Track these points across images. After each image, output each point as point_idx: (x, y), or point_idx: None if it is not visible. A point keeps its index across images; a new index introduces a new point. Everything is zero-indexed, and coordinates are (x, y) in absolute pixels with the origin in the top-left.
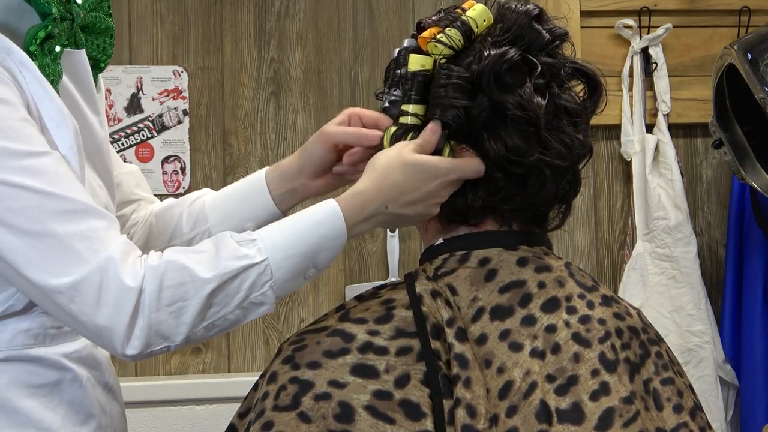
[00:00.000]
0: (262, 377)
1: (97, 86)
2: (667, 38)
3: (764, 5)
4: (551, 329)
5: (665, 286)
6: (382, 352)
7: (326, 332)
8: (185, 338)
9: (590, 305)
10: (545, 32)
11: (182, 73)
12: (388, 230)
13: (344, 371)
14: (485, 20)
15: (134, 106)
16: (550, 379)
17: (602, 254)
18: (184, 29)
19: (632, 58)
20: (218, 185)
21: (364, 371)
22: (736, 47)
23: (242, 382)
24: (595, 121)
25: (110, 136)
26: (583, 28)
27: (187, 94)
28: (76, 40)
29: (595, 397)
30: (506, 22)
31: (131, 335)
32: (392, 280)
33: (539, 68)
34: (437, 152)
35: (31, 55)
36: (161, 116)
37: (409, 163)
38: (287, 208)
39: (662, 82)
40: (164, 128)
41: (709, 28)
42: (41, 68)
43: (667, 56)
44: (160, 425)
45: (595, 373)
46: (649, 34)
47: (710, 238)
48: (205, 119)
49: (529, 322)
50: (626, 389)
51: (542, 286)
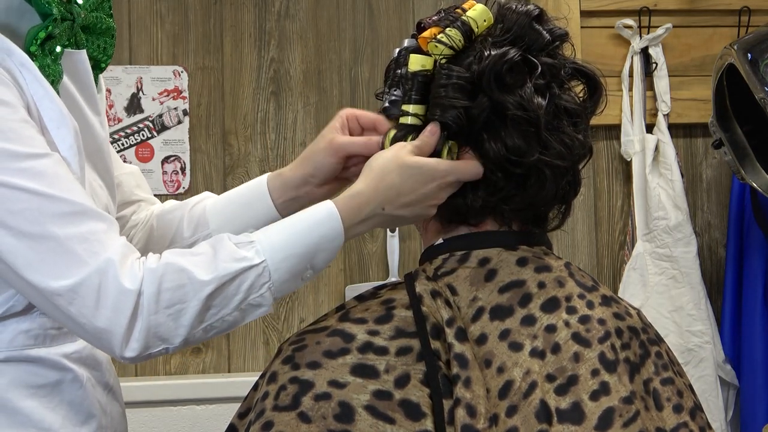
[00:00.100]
0: (262, 377)
1: (97, 86)
2: (667, 38)
3: (764, 5)
4: (551, 329)
5: (665, 286)
6: (382, 352)
7: (326, 332)
8: (184, 340)
9: (590, 305)
10: (545, 33)
11: (182, 73)
12: (388, 230)
13: (344, 371)
14: (485, 20)
15: (134, 106)
16: (550, 378)
17: (602, 254)
18: (184, 29)
19: (632, 58)
20: (218, 185)
21: (364, 371)
22: (736, 47)
23: (242, 382)
24: (595, 121)
25: (110, 136)
26: (583, 28)
27: (187, 94)
28: (76, 40)
29: (595, 396)
30: (507, 22)
31: (130, 337)
32: (392, 280)
33: (539, 68)
34: (436, 153)
35: (31, 55)
36: (161, 116)
37: (406, 165)
38: (289, 214)
39: (662, 82)
40: (164, 128)
41: (709, 28)
42: (42, 69)
43: (667, 56)
44: (160, 425)
45: (595, 373)
46: (649, 34)
47: (710, 238)
48: (205, 119)
49: (529, 321)
50: (626, 389)
51: (542, 286)
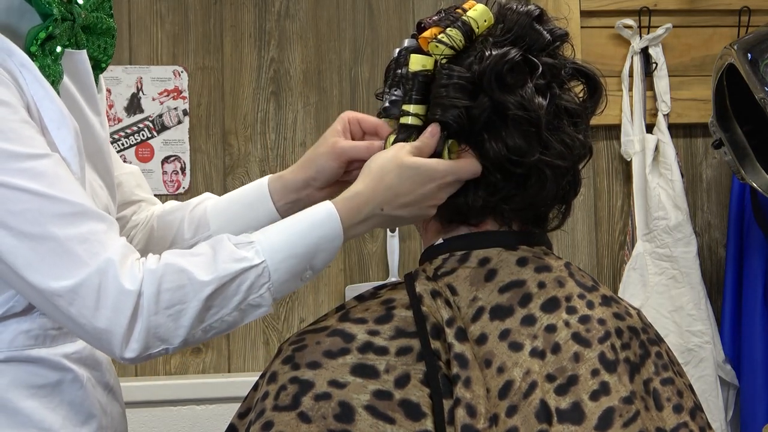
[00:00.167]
0: (262, 377)
1: (98, 87)
2: (667, 38)
3: (764, 5)
4: (551, 329)
5: (665, 286)
6: (382, 352)
7: (326, 332)
8: (183, 341)
9: (590, 305)
10: (546, 33)
11: (182, 73)
12: (388, 230)
13: (344, 371)
14: (486, 20)
15: (134, 106)
16: (550, 378)
17: (602, 254)
18: (184, 29)
19: (632, 58)
20: (218, 185)
21: (364, 371)
22: (736, 47)
23: (242, 382)
24: (595, 121)
25: (110, 136)
26: (583, 28)
27: (187, 94)
28: (77, 40)
29: (595, 396)
30: (507, 22)
31: (130, 338)
32: (392, 280)
33: (540, 69)
34: (437, 154)
35: (31, 55)
36: (161, 116)
37: (405, 165)
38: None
39: (662, 82)
40: (164, 128)
41: (709, 28)
42: (42, 69)
43: (667, 56)
44: (160, 425)
45: (595, 372)
46: (649, 34)
47: (710, 238)
48: (205, 119)
49: (529, 321)
50: (626, 389)
51: (542, 286)
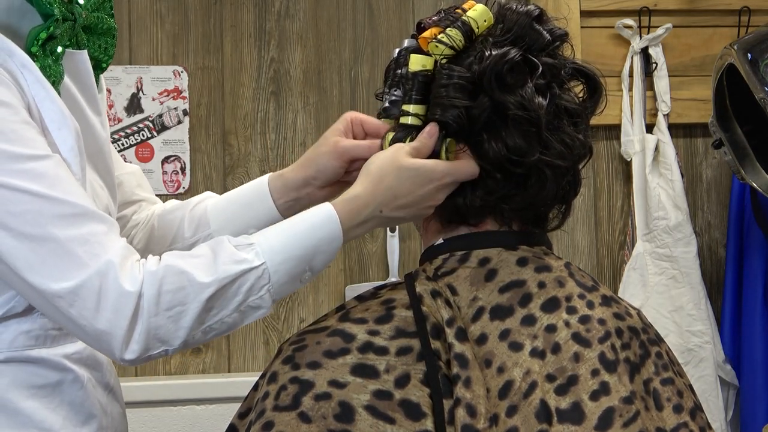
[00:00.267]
0: (262, 377)
1: (98, 87)
2: (667, 38)
3: (764, 5)
4: (551, 329)
5: (665, 286)
6: (382, 352)
7: (326, 332)
8: (183, 342)
9: (590, 305)
10: (546, 33)
11: (182, 73)
12: (387, 230)
13: (344, 371)
14: (486, 21)
15: (134, 106)
16: (550, 378)
17: (602, 254)
18: (184, 29)
19: (632, 58)
20: (218, 185)
21: (364, 371)
22: (736, 47)
23: (242, 382)
24: (595, 121)
25: (110, 136)
26: (583, 28)
27: (187, 94)
28: (77, 40)
29: (595, 396)
30: (507, 22)
31: (130, 340)
32: (392, 280)
33: (540, 68)
34: (435, 154)
35: (32, 56)
36: (161, 116)
37: (403, 167)
38: (291, 215)
39: (662, 82)
40: (164, 128)
41: (709, 28)
42: (43, 69)
43: (667, 56)
44: (160, 425)
45: (595, 373)
46: (649, 34)
47: (710, 238)
48: (205, 119)
49: (529, 321)
50: (626, 389)
51: (542, 286)
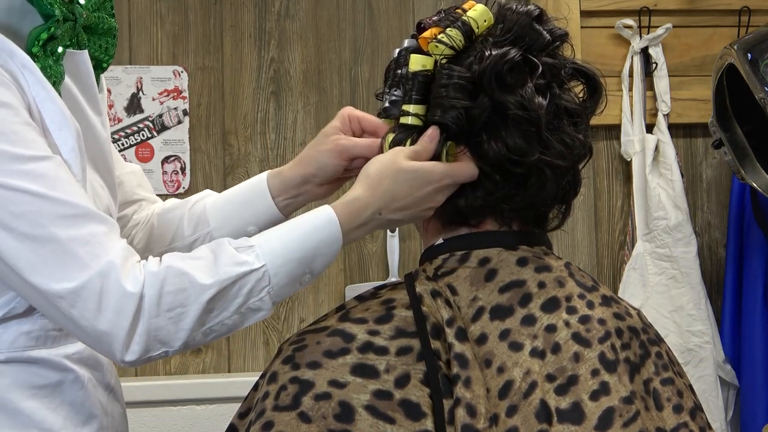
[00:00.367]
0: (262, 377)
1: (99, 86)
2: (667, 38)
3: (764, 5)
4: (551, 329)
5: (665, 286)
6: (382, 352)
7: (326, 332)
8: (184, 344)
9: (590, 305)
10: (546, 33)
11: (182, 73)
12: (388, 230)
13: (344, 371)
14: (486, 21)
15: (134, 106)
16: (550, 378)
17: (602, 254)
18: (184, 29)
19: (632, 58)
20: (218, 185)
21: (364, 371)
22: (736, 47)
23: (242, 382)
24: (595, 121)
25: (111, 136)
26: (583, 28)
27: (187, 94)
28: (78, 40)
29: (595, 396)
30: (507, 22)
31: (131, 341)
32: (392, 280)
33: (540, 68)
34: (436, 156)
35: (33, 56)
36: (161, 116)
37: (402, 169)
38: (290, 212)
39: (662, 82)
40: (164, 128)
41: (709, 28)
42: (43, 70)
43: (667, 56)
44: (160, 425)
45: (595, 372)
46: (649, 34)
47: (710, 238)
48: (205, 119)
49: (529, 321)
50: (626, 389)
51: (542, 286)
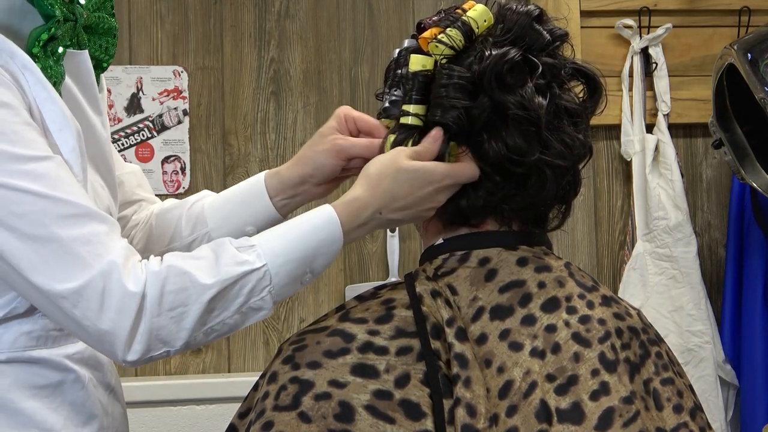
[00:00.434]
0: (262, 377)
1: (99, 86)
2: (667, 38)
3: (764, 5)
4: (551, 329)
5: (665, 286)
6: (382, 351)
7: (326, 332)
8: (185, 343)
9: (590, 305)
10: (546, 33)
11: (182, 73)
12: (388, 230)
13: (344, 371)
14: (486, 21)
15: (134, 106)
16: (550, 378)
17: (602, 254)
18: (184, 29)
19: (632, 58)
20: (218, 185)
21: (364, 371)
22: (736, 47)
23: (242, 382)
24: (595, 121)
25: (111, 136)
26: (583, 28)
27: (187, 94)
28: (78, 40)
29: (595, 396)
30: (507, 22)
31: (133, 340)
32: (392, 280)
33: (540, 68)
34: (440, 157)
35: (33, 57)
36: (161, 116)
37: (402, 169)
38: (288, 212)
39: (662, 82)
40: (164, 128)
41: (709, 28)
42: (44, 70)
43: (667, 56)
44: (160, 425)
45: (595, 372)
46: (649, 34)
47: (710, 238)
48: (205, 119)
49: (529, 321)
50: (626, 389)
51: (542, 286)
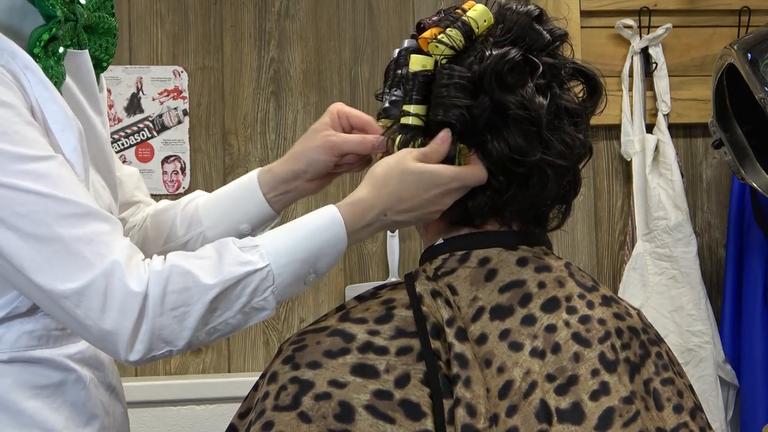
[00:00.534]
0: (262, 377)
1: (99, 86)
2: (667, 38)
3: (764, 5)
4: (551, 329)
5: (665, 286)
6: (382, 351)
7: (326, 332)
8: (187, 343)
9: (590, 305)
10: (546, 33)
11: (182, 73)
12: (388, 230)
13: (344, 371)
14: (486, 21)
15: (134, 106)
16: (550, 378)
17: (602, 254)
18: (184, 29)
19: (632, 58)
20: (218, 185)
21: (364, 371)
22: (736, 47)
23: (242, 382)
24: (595, 121)
25: (110, 136)
26: (583, 28)
27: (187, 94)
28: (79, 40)
29: (595, 396)
30: (507, 22)
31: (135, 340)
32: (392, 280)
33: (540, 68)
34: (449, 159)
35: (34, 57)
36: (161, 116)
37: (408, 171)
38: (281, 208)
39: (662, 82)
40: (164, 128)
41: (709, 28)
42: (45, 70)
43: (667, 56)
44: (160, 425)
45: (595, 372)
46: (649, 34)
47: (710, 238)
48: (205, 119)
49: (529, 321)
50: (626, 389)
51: (542, 285)
